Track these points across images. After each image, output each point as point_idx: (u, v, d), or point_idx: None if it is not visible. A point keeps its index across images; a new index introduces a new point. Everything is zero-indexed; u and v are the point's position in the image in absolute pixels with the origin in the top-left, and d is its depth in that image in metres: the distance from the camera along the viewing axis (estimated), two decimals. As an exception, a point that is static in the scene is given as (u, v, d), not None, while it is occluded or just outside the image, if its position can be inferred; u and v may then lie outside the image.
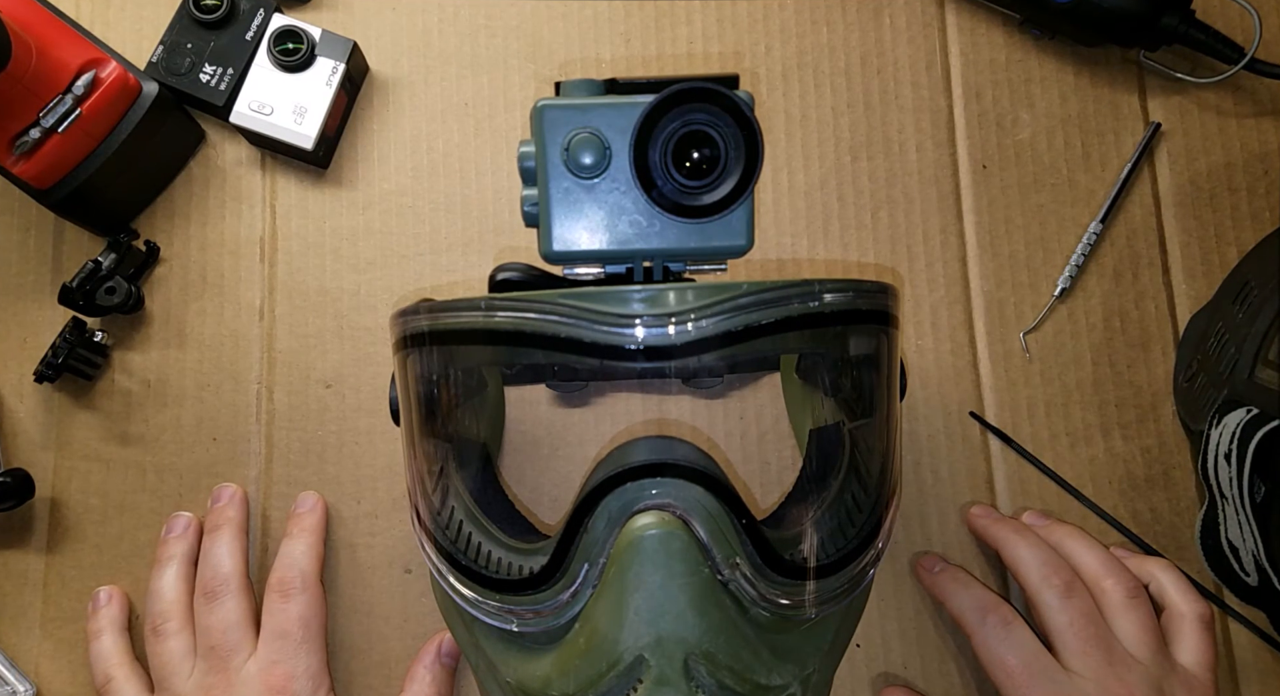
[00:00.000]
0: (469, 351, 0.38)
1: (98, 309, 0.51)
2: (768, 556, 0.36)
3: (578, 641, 0.36)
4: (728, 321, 0.34)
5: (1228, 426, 0.47)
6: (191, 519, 0.50)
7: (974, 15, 0.57)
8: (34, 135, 0.47)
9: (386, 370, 0.52)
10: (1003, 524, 0.48)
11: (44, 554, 0.52)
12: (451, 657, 0.48)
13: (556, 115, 0.37)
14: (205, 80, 0.52)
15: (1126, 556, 0.48)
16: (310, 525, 0.49)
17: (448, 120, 0.55)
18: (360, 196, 0.55)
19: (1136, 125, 0.56)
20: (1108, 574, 0.45)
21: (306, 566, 0.48)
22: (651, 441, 0.45)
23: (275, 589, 0.47)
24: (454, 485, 0.41)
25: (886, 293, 0.38)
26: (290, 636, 0.46)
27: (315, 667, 0.46)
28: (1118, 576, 0.45)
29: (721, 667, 0.34)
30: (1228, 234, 0.54)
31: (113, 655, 0.48)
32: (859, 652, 0.49)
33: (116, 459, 0.52)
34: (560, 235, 0.37)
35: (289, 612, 0.46)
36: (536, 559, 0.38)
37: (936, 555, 0.50)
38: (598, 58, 0.56)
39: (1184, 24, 0.52)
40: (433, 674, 0.47)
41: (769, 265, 0.54)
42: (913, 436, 0.52)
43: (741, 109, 0.35)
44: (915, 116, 0.55)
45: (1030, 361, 0.53)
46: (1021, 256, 0.54)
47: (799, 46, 0.56)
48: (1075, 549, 0.47)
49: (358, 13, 0.57)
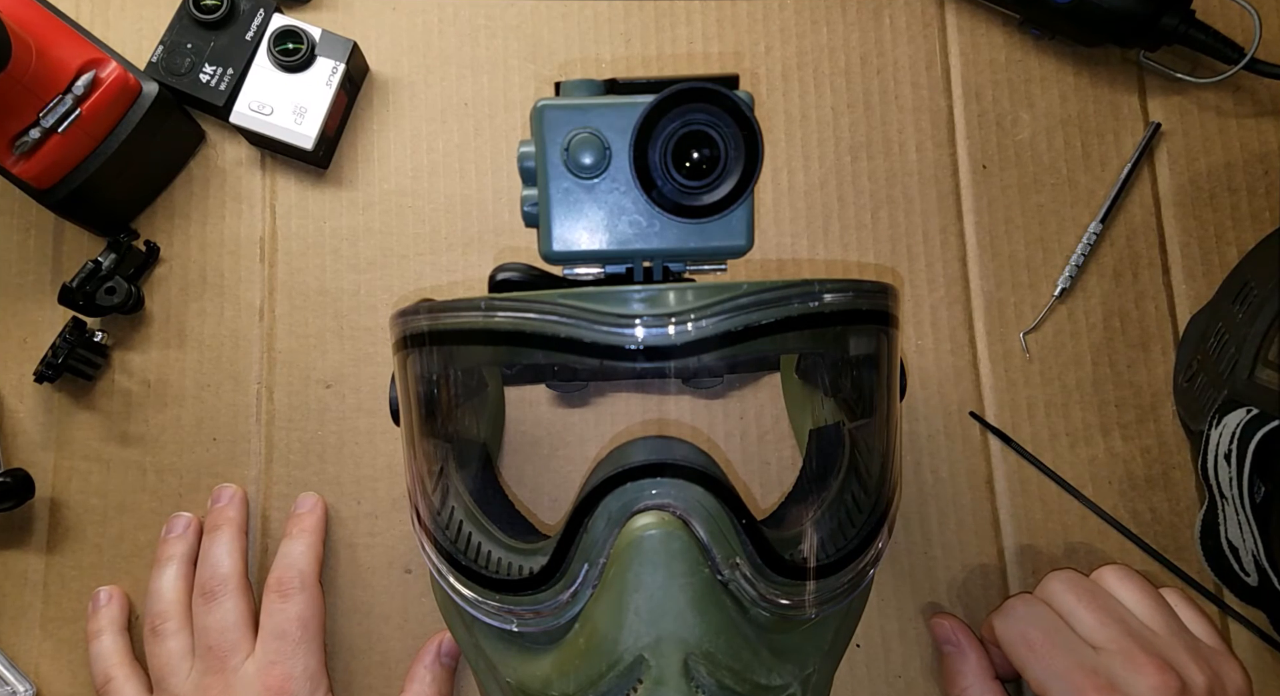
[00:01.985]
0: (469, 351, 0.38)
1: (98, 309, 0.51)
2: (768, 556, 0.36)
3: (578, 641, 0.36)
4: (728, 321, 0.34)
5: (1228, 426, 0.47)
6: (191, 519, 0.50)
7: (974, 15, 0.57)
8: (34, 135, 0.47)
9: (386, 370, 0.52)
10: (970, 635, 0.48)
11: (44, 554, 0.52)
12: (451, 657, 0.48)
13: (556, 115, 0.37)
14: (205, 80, 0.52)
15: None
16: (309, 525, 0.49)
17: (448, 120, 0.55)
18: (360, 196, 0.55)
19: (1136, 125, 0.56)
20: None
21: (305, 567, 0.48)
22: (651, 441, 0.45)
23: (274, 589, 0.47)
24: (454, 485, 0.41)
25: (886, 293, 0.38)
26: (288, 636, 0.46)
27: (313, 668, 0.46)
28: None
29: (721, 667, 0.34)
30: (1228, 234, 0.54)
31: (112, 655, 0.48)
32: (859, 652, 0.49)
33: (116, 459, 0.52)
34: (560, 235, 0.37)
35: (287, 613, 0.46)
36: (536, 559, 0.38)
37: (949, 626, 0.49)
38: (598, 58, 0.56)
39: (1184, 24, 0.52)
40: (433, 673, 0.47)
41: (769, 265, 0.54)
42: (913, 436, 0.52)
43: (741, 109, 0.35)
44: (915, 116, 0.55)
45: (1030, 361, 0.53)
46: (1021, 256, 0.54)
47: (799, 46, 0.56)
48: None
49: (358, 13, 0.57)
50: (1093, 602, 0.43)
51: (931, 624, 0.49)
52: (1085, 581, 0.45)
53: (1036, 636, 0.43)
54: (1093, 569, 0.46)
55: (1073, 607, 0.43)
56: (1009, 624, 0.44)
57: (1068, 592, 0.44)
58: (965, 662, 0.46)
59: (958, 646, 0.47)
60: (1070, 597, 0.44)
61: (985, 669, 0.46)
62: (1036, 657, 0.42)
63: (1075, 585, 0.44)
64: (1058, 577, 0.45)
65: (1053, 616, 0.44)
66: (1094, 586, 0.44)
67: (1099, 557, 0.51)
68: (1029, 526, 0.51)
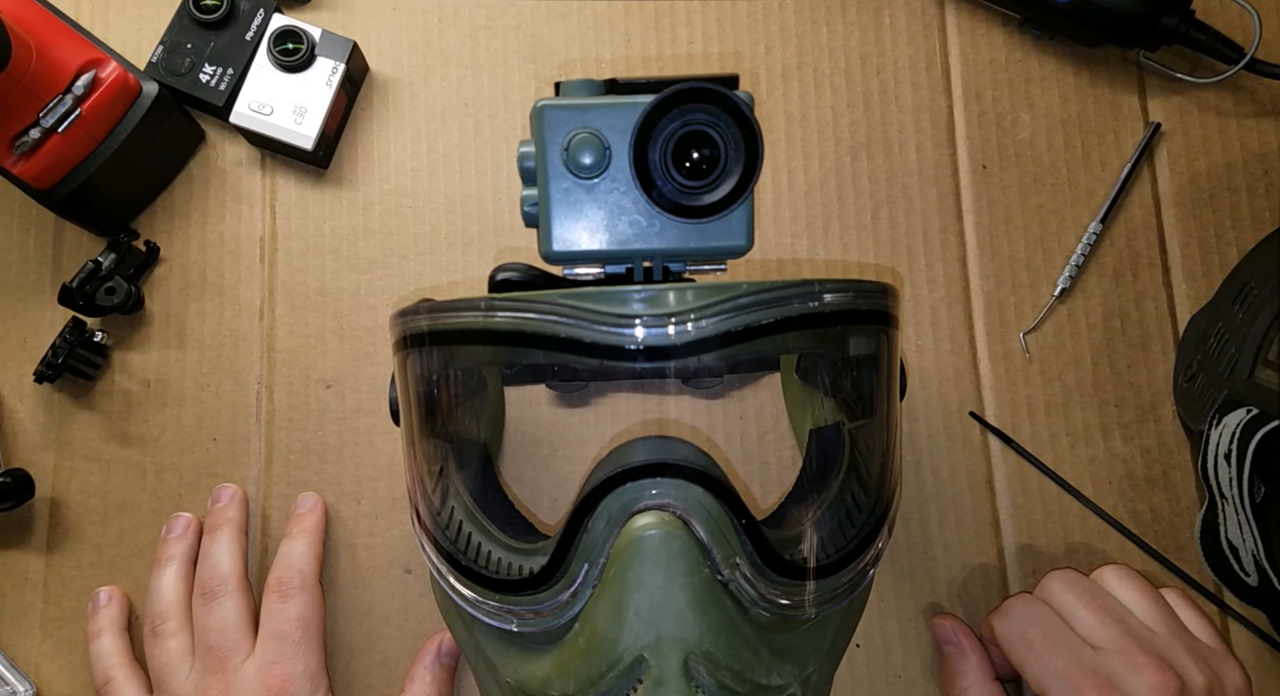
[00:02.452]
0: (469, 351, 0.38)
1: (98, 309, 0.51)
2: (768, 556, 0.36)
3: (578, 641, 0.36)
4: (728, 321, 0.34)
5: (1228, 426, 0.47)
6: (191, 519, 0.50)
7: (974, 15, 0.57)
8: (34, 135, 0.47)
9: (386, 370, 0.52)
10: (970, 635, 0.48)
11: (44, 554, 0.52)
12: (451, 657, 0.48)
13: (556, 115, 0.37)
14: (205, 80, 0.52)
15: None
16: (309, 526, 0.49)
17: (448, 120, 0.55)
18: (360, 196, 0.55)
19: (1136, 125, 0.56)
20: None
21: (305, 567, 0.48)
22: (651, 441, 0.45)
23: (273, 589, 0.47)
24: (454, 485, 0.41)
25: (886, 293, 0.38)
26: (288, 637, 0.46)
27: (314, 668, 0.46)
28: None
29: (721, 668, 0.34)
30: (1228, 234, 0.54)
31: (112, 655, 0.48)
32: (859, 652, 0.49)
33: (116, 459, 0.52)
34: (560, 235, 0.37)
35: (288, 613, 0.46)
36: (536, 559, 0.38)
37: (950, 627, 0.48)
38: (598, 58, 0.56)
39: (1184, 24, 0.52)
40: (433, 673, 0.47)
41: (769, 265, 0.54)
42: (913, 436, 0.52)
43: (741, 109, 0.35)
44: (915, 116, 0.55)
45: (1030, 361, 0.53)
46: (1021, 256, 0.54)
47: (799, 46, 0.56)
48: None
49: (358, 13, 0.57)
50: (1092, 602, 0.43)
51: (932, 624, 0.49)
52: (1085, 581, 0.45)
53: (1036, 636, 0.43)
54: (1093, 569, 0.46)
55: (1072, 607, 0.43)
56: (1008, 623, 0.44)
57: (1067, 592, 0.44)
58: (965, 663, 0.46)
59: (958, 646, 0.47)
60: (1070, 597, 0.44)
61: (985, 669, 0.46)
62: (1036, 657, 0.42)
63: (1075, 584, 0.44)
64: (1057, 577, 0.45)
65: (1052, 616, 0.43)
66: (1093, 586, 0.44)
67: (1099, 557, 0.51)
68: (1029, 526, 0.51)
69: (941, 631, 0.48)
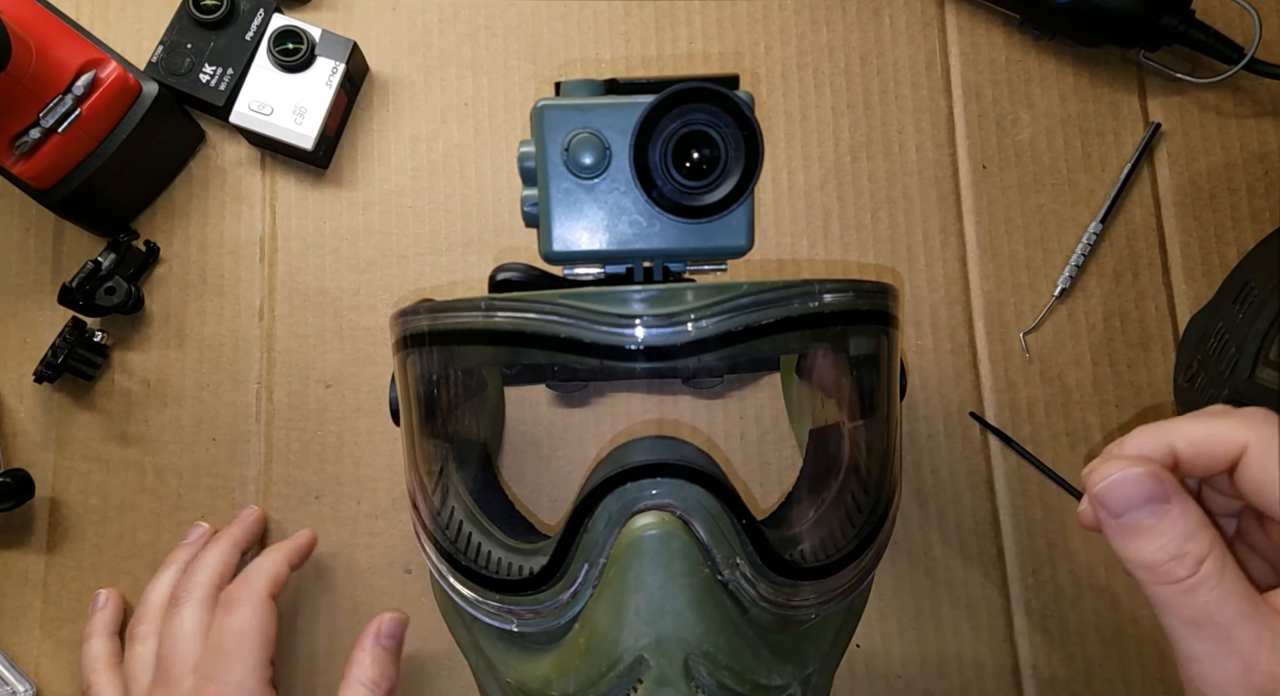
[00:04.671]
0: (469, 351, 0.38)
1: (98, 309, 0.51)
2: (768, 556, 0.36)
3: (578, 641, 0.36)
4: (728, 321, 0.34)
5: (1228, 426, 0.46)
6: (207, 529, 0.50)
7: (974, 15, 0.57)
8: (34, 135, 0.47)
9: (386, 370, 0.52)
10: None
11: (44, 554, 0.52)
12: (393, 639, 0.45)
13: (556, 115, 0.37)
14: (205, 80, 0.52)
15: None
16: (285, 546, 0.48)
17: (448, 120, 0.55)
18: (360, 196, 0.55)
19: (1136, 125, 0.56)
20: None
21: (257, 581, 0.45)
22: (651, 441, 0.45)
23: (221, 603, 0.45)
24: (454, 485, 0.41)
25: (886, 293, 0.38)
26: (223, 650, 0.43)
27: (250, 685, 0.43)
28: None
29: (721, 668, 0.34)
30: (1228, 234, 0.54)
31: (97, 660, 0.47)
32: (859, 652, 0.49)
33: (116, 459, 0.52)
34: (560, 235, 0.37)
35: (229, 626, 0.44)
36: (536, 559, 0.38)
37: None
38: (598, 58, 0.56)
39: (1184, 24, 0.52)
40: (373, 656, 0.44)
41: (769, 265, 0.54)
42: (913, 436, 0.52)
43: (741, 109, 0.35)
44: (915, 116, 0.55)
45: (1030, 361, 0.53)
46: (1021, 256, 0.54)
47: (799, 46, 0.56)
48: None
49: (358, 13, 0.57)
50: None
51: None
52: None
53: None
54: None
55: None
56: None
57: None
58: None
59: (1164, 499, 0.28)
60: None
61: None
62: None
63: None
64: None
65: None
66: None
67: (1099, 557, 0.51)
68: (1029, 526, 0.51)
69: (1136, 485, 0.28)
